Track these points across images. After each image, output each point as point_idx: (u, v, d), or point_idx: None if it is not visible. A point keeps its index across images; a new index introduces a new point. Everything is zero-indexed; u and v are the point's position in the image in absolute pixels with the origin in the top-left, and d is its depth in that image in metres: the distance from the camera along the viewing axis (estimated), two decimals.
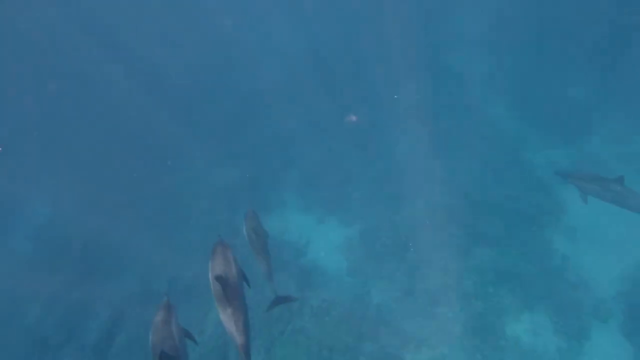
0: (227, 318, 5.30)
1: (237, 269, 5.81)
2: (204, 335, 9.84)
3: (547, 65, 13.09)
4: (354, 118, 13.77)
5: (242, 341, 5.17)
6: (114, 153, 14.88)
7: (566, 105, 12.78)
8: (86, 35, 18.28)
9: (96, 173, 14.22)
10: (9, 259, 13.18)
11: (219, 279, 5.38)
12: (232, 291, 5.42)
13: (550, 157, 11.92)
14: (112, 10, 19.13)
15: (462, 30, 15.58)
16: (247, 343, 5.22)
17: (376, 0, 16.76)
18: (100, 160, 14.74)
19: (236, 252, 5.95)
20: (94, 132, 16.11)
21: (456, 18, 16.15)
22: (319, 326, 9.61)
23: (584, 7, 13.51)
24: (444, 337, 8.89)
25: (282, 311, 9.90)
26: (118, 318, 10.83)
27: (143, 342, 5.21)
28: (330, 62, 15.90)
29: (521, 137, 12.64)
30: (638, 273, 9.45)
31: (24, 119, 17.29)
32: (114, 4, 19.06)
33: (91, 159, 15.01)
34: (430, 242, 10.63)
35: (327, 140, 13.80)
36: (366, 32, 16.21)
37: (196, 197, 13.11)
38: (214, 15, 19.41)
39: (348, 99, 14.42)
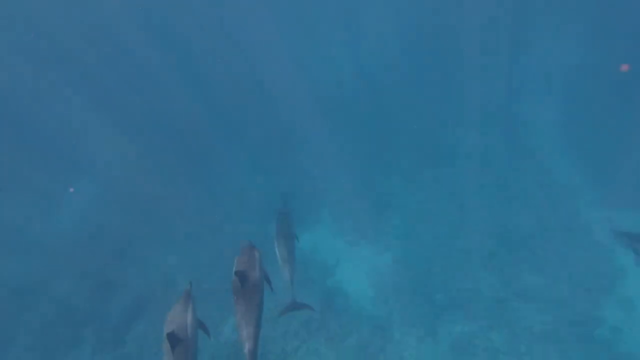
0: (239, 316, 5.15)
1: (260, 268, 5.68)
2: (220, 338, 9.83)
3: (623, 121, 12.24)
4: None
5: (249, 347, 4.98)
6: (163, 146, 15.45)
7: (635, 165, 11.89)
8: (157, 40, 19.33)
9: (145, 161, 14.76)
10: (52, 233, 13.88)
11: (239, 274, 5.26)
12: (250, 289, 5.28)
13: (611, 219, 11.09)
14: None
15: (535, 75, 15.10)
16: (254, 350, 5.00)
17: (443, 34, 16.62)
18: (151, 151, 15.32)
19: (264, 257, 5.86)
20: (151, 124, 16.80)
21: (530, 62, 15.62)
22: (334, 351, 9.32)
23: None
24: None
25: (300, 329, 9.76)
26: (141, 305, 11.12)
27: (160, 331, 5.19)
28: (385, 97, 15.67)
29: (581, 191, 11.87)
30: None
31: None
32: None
33: (144, 148, 15.63)
34: (461, 287, 10.15)
35: (375, 168, 13.64)
36: (429, 68, 16.00)
37: (232, 206, 13.30)
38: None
39: (403, 134, 14.11)
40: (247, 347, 4.99)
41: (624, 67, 12.69)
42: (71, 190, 15.77)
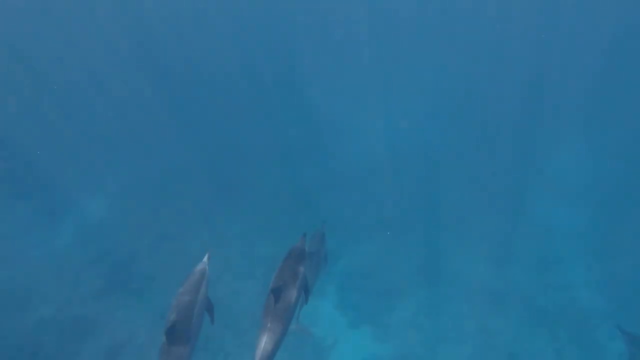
0: (260, 333, 4.88)
1: (301, 283, 5.39)
2: None
3: None
4: None
5: None
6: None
7: None
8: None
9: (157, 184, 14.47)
10: (45, 248, 13.34)
11: (275, 291, 5.00)
12: (282, 308, 5.02)
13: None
14: None
15: (556, 177, 14.92)
16: None
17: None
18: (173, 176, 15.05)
19: None
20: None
21: (551, 163, 15.54)
22: None
23: None
24: None
25: None
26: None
27: None
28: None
29: (599, 312, 11.22)
30: None
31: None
32: None
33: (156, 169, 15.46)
34: None
35: (386, 240, 13.19)
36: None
37: None
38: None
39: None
40: None
41: None
42: None
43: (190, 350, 4.87)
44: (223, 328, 10.44)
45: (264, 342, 4.80)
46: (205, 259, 5.72)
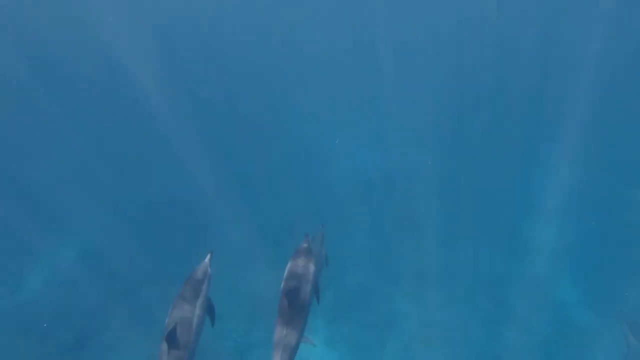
0: (277, 339, 4.82)
1: (314, 281, 5.31)
2: None
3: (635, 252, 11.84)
4: None
5: None
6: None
7: None
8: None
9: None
10: (9, 306, 12.34)
11: (289, 294, 4.90)
12: (297, 311, 4.95)
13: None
14: None
15: (540, 195, 14.93)
16: None
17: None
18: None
19: None
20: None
21: (534, 182, 15.61)
22: None
23: None
24: None
25: None
26: None
27: None
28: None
29: (594, 330, 11.02)
30: None
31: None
32: None
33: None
34: None
35: (374, 269, 12.81)
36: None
37: None
38: None
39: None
40: None
41: None
42: None
43: (190, 354, 4.73)
44: None
45: (281, 351, 4.74)
46: (207, 259, 5.60)
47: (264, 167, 16.69)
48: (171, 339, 4.50)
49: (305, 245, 5.74)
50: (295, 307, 4.96)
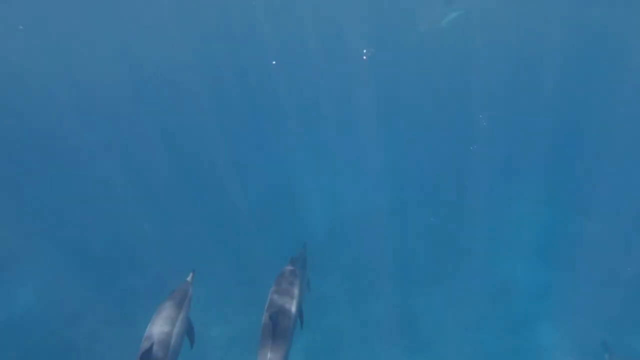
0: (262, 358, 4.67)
1: (298, 304, 5.21)
2: None
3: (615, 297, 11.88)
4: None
5: None
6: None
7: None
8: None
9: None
10: None
11: (274, 317, 4.81)
12: (282, 334, 4.83)
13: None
14: None
15: (516, 236, 15.02)
16: None
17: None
18: None
19: None
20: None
21: (509, 223, 15.72)
22: None
23: None
24: None
25: None
26: None
27: None
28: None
29: None
30: None
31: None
32: None
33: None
34: None
35: (353, 310, 12.45)
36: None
37: None
38: None
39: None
40: None
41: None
42: None
43: None
44: None
45: None
46: (189, 278, 5.49)
47: (230, 206, 16.33)
48: (146, 357, 4.35)
49: (289, 267, 5.71)
50: (280, 330, 4.85)
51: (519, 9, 28.12)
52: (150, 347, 4.40)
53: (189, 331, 5.20)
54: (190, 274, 5.61)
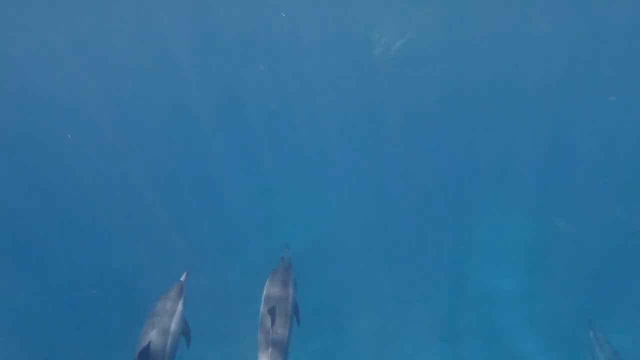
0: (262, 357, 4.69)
1: (293, 301, 5.28)
2: None
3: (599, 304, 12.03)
4: None
5: None
6: None
7: None
8: None
9: None
10: None
11: (272, 314, 4.79)
12: (280, 329, 4.85)
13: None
14: None
15: (495, 242, 15.10)
16: None
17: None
18: None
19: None
20: None
21: (487, 228, 15.81)
22: None
23: None
24: None
25: None
26: None
27: None
28: None
29: None
30: None
31: None
32: None
33: None
34: None
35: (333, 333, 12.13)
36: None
37: None
38: None
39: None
40: None
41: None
42: None
43: None
44: None
45: None
46: (183, 277, 5.48)
47: (202, 234, 15.83)
48: (144, 356, 4.37)
49: (282, 266, 5.78)
50: (279, 326, 4.87)
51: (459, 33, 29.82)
52: (148, 347, 4.40)
53: (185, 330, 5.13)
54: (184, 273, 5.57)
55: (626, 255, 13.22)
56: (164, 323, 4.80)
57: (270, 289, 5.40)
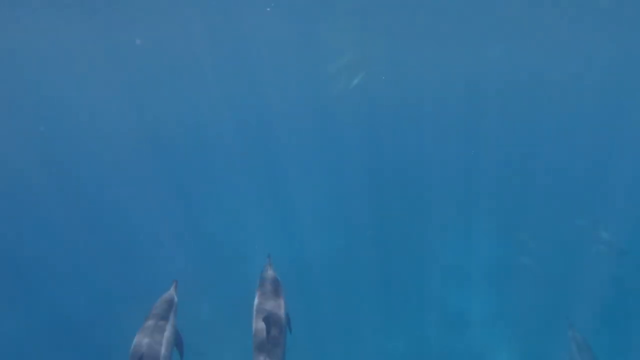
0: None
1: (285, 309, 5.24)
2: None
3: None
4: None
5: None
6: None
7: None
8: None
9: None
10: None
11: (266, 320, 4.72)
12: (274, 338, 4.73)
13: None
14: None
15: (463, 263, 15.21)
16: None
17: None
18: None
19: None
20: None
21: (455, 250, 15.97)
22: None
23: None
24: None
25: None
26: None
27: None
28: None
29: None
30: None
31: None
32: None
33: None
34: None
35: None
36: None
37: None
38: None
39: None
40: None
41: None
42: None
43: None
44: None
45: None
46: (172, 288, 5.34)
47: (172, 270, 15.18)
48: None
49: (270, 272, 5.68)
50: (274, 335, 4.75)
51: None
52: (141, 358, 4.33)
53: (177, 341, 4.99)
54: (174, 284, 5.44)
55: (589, 263, 13.56)
56: (156, 334, 4.67)
57: (261, 298, 5.25)
